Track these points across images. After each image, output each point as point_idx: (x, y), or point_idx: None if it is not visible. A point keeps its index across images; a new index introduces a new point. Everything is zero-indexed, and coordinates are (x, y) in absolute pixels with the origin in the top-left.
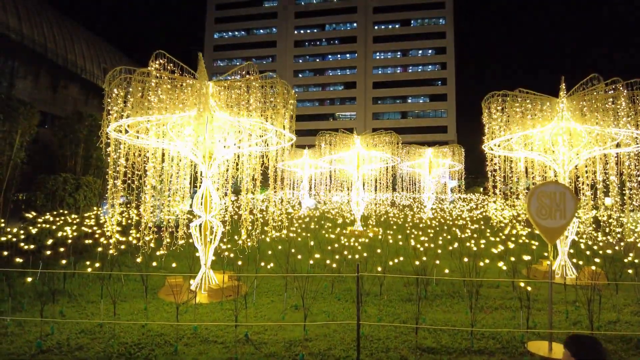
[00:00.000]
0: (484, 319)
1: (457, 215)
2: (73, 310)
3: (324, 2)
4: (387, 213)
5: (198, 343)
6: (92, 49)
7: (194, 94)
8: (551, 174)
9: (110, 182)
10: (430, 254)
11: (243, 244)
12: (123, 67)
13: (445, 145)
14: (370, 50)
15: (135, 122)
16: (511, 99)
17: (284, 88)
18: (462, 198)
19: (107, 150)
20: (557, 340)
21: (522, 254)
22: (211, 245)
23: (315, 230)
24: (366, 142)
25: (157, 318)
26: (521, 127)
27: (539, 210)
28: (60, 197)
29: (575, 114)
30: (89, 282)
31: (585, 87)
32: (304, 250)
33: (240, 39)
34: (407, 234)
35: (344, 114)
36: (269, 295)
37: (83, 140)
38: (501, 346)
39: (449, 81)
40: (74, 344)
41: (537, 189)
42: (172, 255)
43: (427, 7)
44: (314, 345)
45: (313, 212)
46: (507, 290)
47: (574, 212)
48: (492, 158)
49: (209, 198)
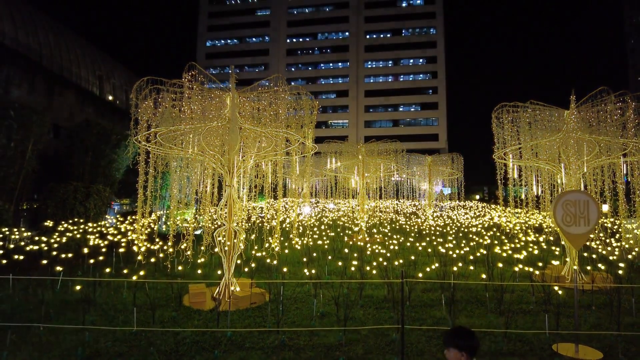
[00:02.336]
0: (509, 322)
1: (468, 223)
2: (102, 318)
3: (316, 11)
4: (396, 221)
5: (235, 349)
6: (87, 56)
7: (223, 105)
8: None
9: (140, 192)
10: (450, 259)
11: (272, 251)
12: (149, 77)
13: (446, 153)
14: (362, 59)
15: (163, 132)
16: (521, 110)
17: (309, 101)
18: (462, 205)
19: (136, 159)
20: (581, 342)
21: (536, 260)
22: (234, 253)
23: (327, 237)
24: (370, 151)
25: (188, 325)
26: (530, 137)
27: (564, 218)
28: (71, 205)
29: (584, 124)
30: (110, 291)
31: (594, 99)
32: (318, 257)
33: (232, 47)
34: (427, 240)
35: (337, 121)
36: (293, 302)
37: (91, 149)
38: (529, 348)
39: (439, 90)
40: (113, 352)
41: (563, 197)
42: (193, 263)
43: (418, 17)
44: (351, 350)
45: (310, 219)
46: (523, 295)
47: (597, 219)
48: (502, 167)
49: (232, 206)
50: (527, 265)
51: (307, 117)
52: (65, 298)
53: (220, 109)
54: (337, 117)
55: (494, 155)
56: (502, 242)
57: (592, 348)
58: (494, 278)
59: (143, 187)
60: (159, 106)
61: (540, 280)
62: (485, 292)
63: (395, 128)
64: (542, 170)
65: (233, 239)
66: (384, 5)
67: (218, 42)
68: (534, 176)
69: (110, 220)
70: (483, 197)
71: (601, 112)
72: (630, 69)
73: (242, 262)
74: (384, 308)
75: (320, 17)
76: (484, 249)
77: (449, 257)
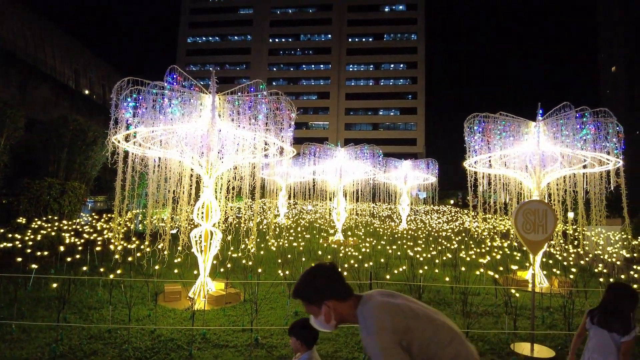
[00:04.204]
0: (472, 323)
1: (439, 228)
2: (76, 316)
3: (299, 12)
4: (371, 224)
5: (210, 347)
6: (63, 49)
7: (204, 107)
8: (526, 189)
9: (118, 191)
10: (417, 262)
11: (247, 252)
12: (130, 77)
13: (421, 158)
14: (344, 62)
15: (142, 132)
16: (492, 120)
17: (289, 107)
18: (436, 210)
19: (113, 159)
20: (537, 341)
21: (499, 264)
22: (210, 253)
23: (303, 239)
24: (348, 154)
25: (164, 324)
26: (500, 147)
27: (524, 225)
28: (45, 202)
29: (549, 136)
30: (85, 289)
31: (558, 113)
32: (294, 258)
33: (214, 45)
34: (399, 244)
35: (317, 123)
36: (267, 302)
37: (67, 145)
38: (490, 347)
39: (419, 95)
40: (87, 349)
41: (524, 206)
42: (169, 263)
43: (399, 22)
44: (321, 348)
45: (288, 220)
46: (487, 297)
47: (554, 228)
48: (473, 174)
49: (209, 207)
50: (490, 269)
51: (286, 122)
52: (39, 296)
53: (201, 110)
54: (318, 118)
55: (464, 164)
56: (469, 246)
57: (547, 347)
58: (460, 281)
59: (121, 187)
60: (139, 107)
61: (504, 284)
62: (452, 294)
63: (375, 131)
64: (510, 178)
65: (209, 240)
66: (366, 9)
67: (199, 39)
68: (503, 184)
69: (84, 218)
70: (457, 202)
71: (563, 125)
72: (602, 83)
73: (218, 263)
74: None
75: (303, 18)
76: (450, 253)
77: (417, 260)
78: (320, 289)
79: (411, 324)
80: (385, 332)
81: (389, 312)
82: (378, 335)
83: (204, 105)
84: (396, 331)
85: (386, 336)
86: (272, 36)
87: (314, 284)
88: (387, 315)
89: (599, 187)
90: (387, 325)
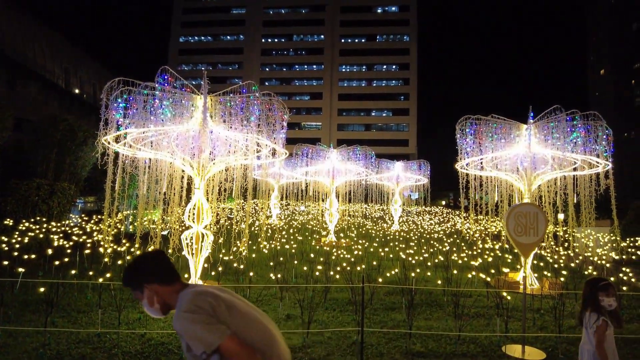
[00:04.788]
0: (464, 326)
1: (431, 229)
2: (64, 320)
3: (292, 13)
4: (363, 225)
5: None
6: (53, 48)
7: (196, 108)
8: (517, 191)
9: (108, 192)
10: (410, 265)
11: (239, 254)
12: (121, 78)
13: (413, 160)
14: (337, 62)
15: (133, 133)
16: (484, 123)
17: (281, 108)
18: (428, 211)
19: (103, 160)
20: (528, 343)
21: (491, 267)
22: (201, 256)
23: (295, 240)
24: (341, 155)
25: (154, 327)
26: (491, 149)
27: (515, 228)
28: (33, 203)
29: (540, 139)
30: (74, 292)
31: (549, 116)
32: (286, 261)
33: (206, 44)
34: (391, 246)
35: (310, 124)
36: (259, 305)
37: (56, 145)
38: (481, 350)
39: (411, 96)
40: (75, 353)
41: (515, 209)
42: None
43: (392, 23)
44: (314, 352)
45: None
46: (479, 299)
47: (545, 230)
48: (464, 176)
49: (200, 209)
50: (482, 271)
51: (278, 123)
52: (26, 299)
53: (192, 111)
54: (310, 119)
55: (456, 165)
56: (461, 248)
57: (537, 349)
58: (452, 283)
59: (111, 188)
60: (129, 107)
61: (495, 286)
62: (444, 297)
63: (367, 132)
64: (502, 180)
65: (201, 242)
66: (359, 10)
67: (192, 39)
68: (495, 185)
69: (74, 219)
70: (448, 203)
71: (554, 128)
72: (590, 85)
73: (210, 265)
74: (348, 311)
75: (296, 18)
76: (442, 255)
77: (409, 262)
78: (141, 273)
79: (226, 312)
80: (197, 308)
81: (206, 295)
82: (188, 312)
83: (195, 106)
84: (209, 313)
85: (197, 311)
86: (265, 36)
87: (136, 268)
88: (204, 296)
89: (589, 190)
90: (201, 305)
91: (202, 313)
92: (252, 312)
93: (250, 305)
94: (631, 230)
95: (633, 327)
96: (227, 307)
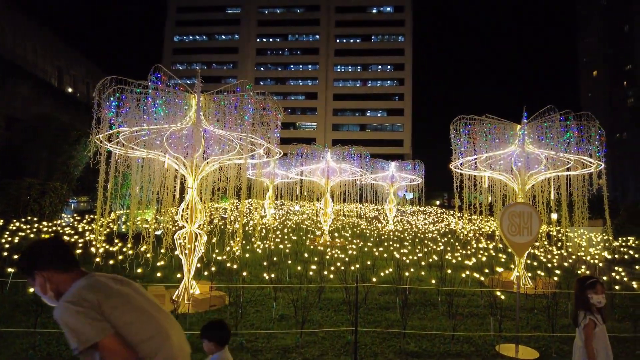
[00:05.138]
0: (457, 325)
1: (425, 229)
2: (54, 321)
3: (287, 12)
4: (357, 225)
5: (194, 351)
6: (45, 46)
7: (189, 107)
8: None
9: (100, 193)
10: (404, 265)
11: (233, 254)
12: (114, 76)
13: (408, 160)
14: (332, 62)
15: (125, 132)
16: (478, 123)
17: (275, 108)
18: (422, 211)
19: (96, 159)
20: (522, 343)
21: (485, 266)
22: (194, 255)
23: (289, 240)
24: (336, 155)
25: None
26: (486, 149)
27: (509, 228)
28: (24, 203)
29: (534, 139)
30: None
31: (543, 116)
32: (280, 260)
33: (201, 44)
34: (385, 246)
35: (305, 123)
36: (252, 305)
37: (49, 144)
38: (475, 349)
39: (406, 97)
40: (66, 355)
41: (509, 209)
42: (152, 265)
43: (387, 24)
44: (308, 352)
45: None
46: (472, 299)
47: (538, 230)
48: (459, 176)
49: (194, 208)
50: (476, 271)
51: (272, 123)
52: (16, 300)
53: (186, 110)
54: (305, 119)
55: (450, 165)
56: (455, 248)
57: (531, 348)
58: (446, 283)
59: (103, 188)
60: (122, 106)
61: (489, 285)
62: (437, 296)
63: (362, 132)
64: (496, 180)
65: (194, 242)
66: (354, 10)
67: (186, 38)
68: (488, 185)
69: (66, 219)
70: (443, 203)
71: (547, 128)
72: (583, 86)
73: (203, 265)
74: (342, 311)
75: (291, 18)
76: (436, 255)
77: (402, 262)
78: (33, 259)
79: (114, 308)
80: (82, 301)
81: (97, 288)
82: (70, 303)
83: (189, 105)
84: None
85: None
86: (260, 36)
87: (28, 255)
88: (94, 289)
89: (582, 189)
90: (87, 297)
91: (85, 306)
92: (146, 309)
93: (151, 300)
94: (623, 230)
95: (625, 325)
96: (121, 302)
